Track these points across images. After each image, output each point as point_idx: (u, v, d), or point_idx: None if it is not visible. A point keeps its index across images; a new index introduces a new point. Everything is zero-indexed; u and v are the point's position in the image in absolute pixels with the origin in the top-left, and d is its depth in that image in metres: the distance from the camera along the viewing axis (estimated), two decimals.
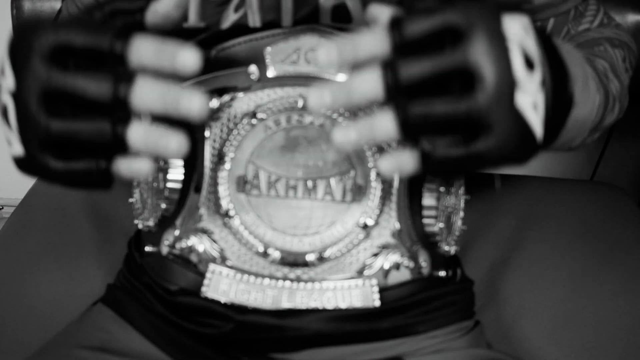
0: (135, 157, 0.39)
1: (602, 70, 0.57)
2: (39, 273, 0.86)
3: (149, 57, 0.38)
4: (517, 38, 0.36)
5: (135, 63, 0.38)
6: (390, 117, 0.37)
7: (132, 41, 0.38)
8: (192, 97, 0.37)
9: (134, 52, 0.38)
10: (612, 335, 0.76)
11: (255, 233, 0.55)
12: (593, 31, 0.65)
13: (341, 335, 0.57)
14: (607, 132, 1.27)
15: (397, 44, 0.37)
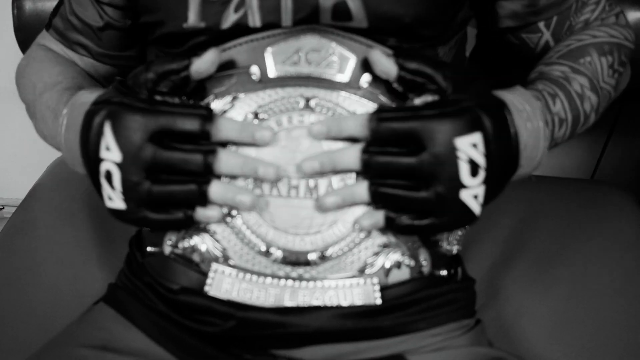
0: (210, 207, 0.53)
1: (578, 91, 0.61)
2: (41, 272, 0.87)
3: (234, 134, 0.53)
4: (465, 153, 0.49)
5: (222, 139, 0.53)
6: (365, 188, 0.52)
7: (219, 122, 0.52)
8: (266, 167, 0.52)
9: (222, 131, 0.52)
10: (612, 334, 0.77)
11: (258, 232, 0.55)
12: (587, 31, 0.65)
13: (343, 333, 0.57)
14: (608, 132, 1.27)
15: (373, 136, 0.50)
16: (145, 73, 0.53)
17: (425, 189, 0.49)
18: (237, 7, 0.58)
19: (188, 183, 0.51)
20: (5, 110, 1.43)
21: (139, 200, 0.51)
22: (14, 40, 0.99)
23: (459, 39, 0.68)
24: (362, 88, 0.57)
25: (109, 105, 0.52)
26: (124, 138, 0.50)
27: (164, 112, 0.50)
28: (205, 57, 0.53)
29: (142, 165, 0.50)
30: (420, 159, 0.49)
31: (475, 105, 0.50)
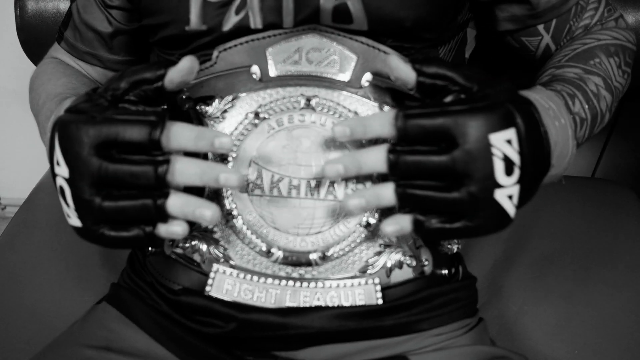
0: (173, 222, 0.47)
1: (594, 91, 0.59)
2: (44, 272, 0.87)
3: (189, 144, 0.47)
4: (500, 150, 0.45)
5: (175, 148, 0.47)
6: (392, 189, 0.47)
7: (169, 130, 0.46)
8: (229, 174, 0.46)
9: (173, 140, 0.46)
10: (615, 331, 0.77)
11: (258, 233, 0.55)
12: (590, 35, 0.65)
13: (344, 333, 0.57)
14: (608, 129, 1.27)
15: (400, 134, 0.46)
16: (118, 80, 0.49)
17: (457, 189, 0.45)
18: (238, 9, 0.58)
19: (141, 197, 0.46)
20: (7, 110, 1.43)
21: (92, 217, 0.47)
22: (16, 41, 0.99)
23: (459, 41, 0.67)
24: (363, 87, 0.57)
25: (64, 114, 0.48)
26: (69, 152, 0.46)
27: (110, 121, 0.45)
28: (179, 65, 0.49)
29: (88, 181, 0.45)
30: (452, 156, 0.44)
31: (506, 100, 0.46)
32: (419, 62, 0.49)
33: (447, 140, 0.45)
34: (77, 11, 0.71)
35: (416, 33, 0.59)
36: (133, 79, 0.49)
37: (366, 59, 0.57)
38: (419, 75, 0.49)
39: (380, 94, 0.57)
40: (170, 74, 0.49)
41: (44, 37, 0.97)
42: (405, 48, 0.59)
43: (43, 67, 0.74)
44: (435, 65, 0.49)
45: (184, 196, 0.47)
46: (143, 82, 0.49)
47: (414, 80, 0.49)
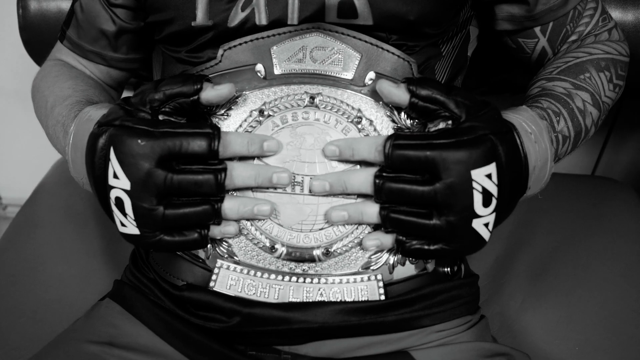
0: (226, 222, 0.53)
1: (580, 107, 0.62)
2: (46, 270, 0.87)
3: (243, 150, 0.52)
4: (480, 184, 0.48)
5: (230, 156, 0.52)
6: (376, 209, 0.52)
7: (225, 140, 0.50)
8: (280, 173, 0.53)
9: (229, 148, 0.51)
10: (615, 327, 0.77)
11: (262, 229, 0.56)
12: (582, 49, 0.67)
13: (347, 328, 0.57)
14: (608, 128, 1.27)
15: (387, 162, 0.49)
16: (153, 92, 0.52)
17: (438, 217, 0.49)
18: (244, 6, 0.58)
19: (202, 204, 0.50)
20: (8, 110, 1.43)
21: (153, 225, 0.50)
22: (18, 41, 1.00)
23: (462, 38, 0.68)
24: (367, 85, 0.57)
25: (111, 129, 0.50)
26: (131, 166, 0.49)
27: (169, 135, 0.49)
28: (220, 90, 0.52)
29: (153, 192, 0.49)
30: (435, 188, 0.48)
31: (490, 133, 0.49)
32: (413, 82, 0.52)
33: (431, 171, 0.49)
34: (81, 10, 0.71)
35: (420, 28, 0.59)
36: (170, 92, 0.52)
37: (369, 58, 0.58)
38: (412, 96, 0.52)
39: None
40: (208, 94, 0.53)
41: (46, 36, 0.97)
42: (410, 46, 0.60)
43: (47, 69, 0.74)
44: (428, 87, 0.52)
45: (238, 198, 0.53)
46: (179, 96, 0.52)
47: (407, 101, 0.52)
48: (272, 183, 0.53)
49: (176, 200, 0.51)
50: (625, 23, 0.87)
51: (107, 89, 0.77)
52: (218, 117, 0.57)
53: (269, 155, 0.54)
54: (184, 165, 0.50)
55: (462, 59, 0.71)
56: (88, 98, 0.66)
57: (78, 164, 0.57)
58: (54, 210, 1.00)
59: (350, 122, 0.56)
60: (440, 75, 0.66)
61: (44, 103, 0.69)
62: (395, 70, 0.58)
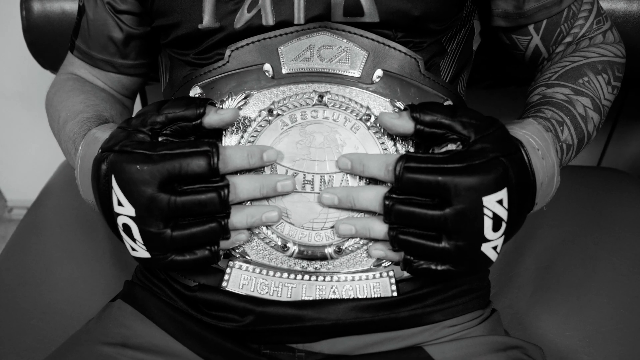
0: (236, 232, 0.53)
1: (582, 114, 0.62)
2: (55, 271, 0.87)
3: (244, 163, 0.51)
4: (491, 210, 0.48)
5: (231, 171, 0.51)
6: (384, 228, 0.51)
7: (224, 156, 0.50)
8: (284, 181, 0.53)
9: (229, 163, 0.51)
10: (625, 318, 0.77)
11: (274, 228, 0.56)
12: (578, 53, 0.67)
13: (360, 325, 0.57)
14: (613, 120, 1.27)
15: (397, 184, 0.49)
16: (155, 115, 0.52)
17: (447, 240, 0.48)
18: (250, 7, 0.58)
19: (208, 222, 0.50)
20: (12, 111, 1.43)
21: (163, 248, 0.50)
22: (22, 43, 1.00)
23: (466, 33, 0.68)
24: (374, 83, 0.57)
25: (111, 155, 0.50)
26: (133, 193, 0.49)
27: (168, 157, 0.48)
28: (224, 115, 0.52)
29: (158, 217, 0.49)
30: (445, 214, 0.47)
31: (501, 155, 0.49)
32: (416, 109, 0.51)
33: (442, 197, 0.48)
34: (87, 19, 0.72)
35: (425, 24, 0.59)
36: (172, 115, 0.51)
37: (377, 55, 0.58)
38: (417, 123, 0.51)
39: (391, 89, 0.57)
40: (211, 119, 0.52)
41: (50, 38, 0.97)
42: (416, 43, 0.60)
43: (60, 84, 0.75)
44: (432, 112, 0.51)
45: (245, 209, 0.52)
46: (182, 119, 0.52)
47: (413, 129, 0.51)
48: (277, 192, 0.53)
49: (183, 221, 0.50)
50: (630, 14, 0.87)
51: (121, 99, 0.78)
52: None
53: (268, 164, 0.54)
54: (187, 185, 0.50)
55: (468, 54, 0.71)
56: (99, 113, 0.66)
57: (86, 187, 0.58)
58: (61, 212, 1.00)
59: (359, 119, 0.56)
60: (446, 71, 0.66)
61: (56, 118, 0.69)
62: (402, 67, 0.59)
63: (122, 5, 0.69)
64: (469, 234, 0.48)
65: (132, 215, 0.49)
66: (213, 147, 0.49)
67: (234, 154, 0.51)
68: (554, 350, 0.74)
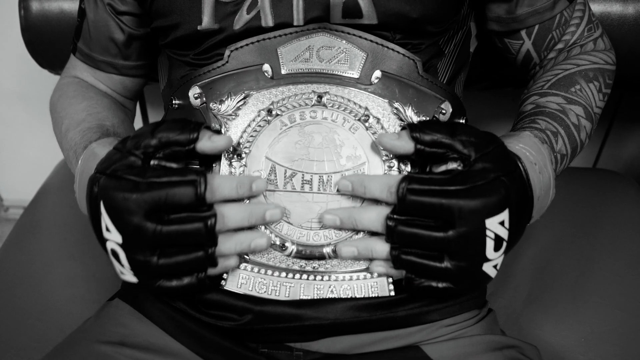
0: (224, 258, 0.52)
1: (575, 123, 0.63)
2: (53, 270, 0.87)
3: (232, 193, 0.50)
4: (493, 232, 0.48)
5: (219, 200, 0.50)
6: (386, 248, 0.51)
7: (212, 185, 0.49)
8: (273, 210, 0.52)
9: (217, 193, 0.49)
10: (620, 318, 0.78)
11: (272, 227, 0.56)
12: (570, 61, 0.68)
13: (358, 324, 0.58)
14: (609, 121, 1.28)
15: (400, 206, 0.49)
16: (149, 138, 0.51)
17: (449, 260, 0.49)
18: (249, 8, 0.58)
19: (195, 251, 0.49)
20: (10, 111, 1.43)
21: (150, 275, 0.50)
22: (20, 42, 1.00)
23: (463, 35, 0.69)
24: (373, 84, 0.58)
25: (102, 178, 0.50)
26: (119, 221, 0.48)
27: (155, 186, 0.48)
28: (217, 143, 0.52)
29: (144, 245, 0.49)
30: (448, 236, 0.48)
31: (502, 174, 0.49)
32: (416, 129, 0.51)
33: (445, 219, 0.48)
34: (88, 21, 0.72)
35: (423, 26, 0.60)
36: (165, 140, 0.51)
37: (375, 57, 0.58)
38: (417, 142, 0.51)
39: (389, 90, 0.58)
40: (204, 145, 0.51)
41: (48, 37, 0.97)
42: (414, 45, 0.61)
43: (64, 89, 0.75)
44: (432, 131, 0.51)
45: (234, 236, 0.51)
46: (175, 144, 0.51)
47: (413, 149, 0.51)
48: (266, 221, 0.52)
49: (170, 249, 0.49)
50: (626, 17, 0.88)
51: (123, 102, 0.79)
52: (226, 117, 0.57)
53: (256, 194, 0.53)
54: (175, 213, 0.49)
55: (465, 56, 0.71)
56: (100, 123, 0.67)
57: (83, 203, 0.58)
58: (58, 211, 1.00)
59: (357, 120, 0.56)
60: (443, 73, 0.66)
61: (59, 124, 0.70)
62: (400, 69, 0.59)
63: (123, 6, 0.69)
64: (471, 255, 0.49)
65: (120, 242, 0.49)
66: (201, 176, 0.48)
67: (223, 183, 0.50)
68: (549, 349, 0.74)
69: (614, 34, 0.88)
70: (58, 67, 1.04)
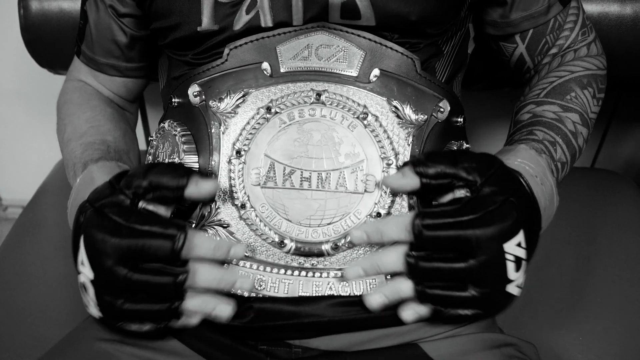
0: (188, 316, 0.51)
1: (572, 130, 0.64)
2: (52, 270, 0.87)
3: (208, 254, 0.50)
4: (512, 254, 0.49)
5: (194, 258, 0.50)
6: (410, 285, 0.51)
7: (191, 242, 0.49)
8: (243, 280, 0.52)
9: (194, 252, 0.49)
10: (618, 317, 0.78)
11: (271, 224, 0.56)
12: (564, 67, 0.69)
13: (356, 321, 0.58)
14: (607, 120, 1.28)
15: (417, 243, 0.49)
16: (141, 179, 0.51)
17: (473, 288, 0.49)
18: (248, 9, 0.59)
19: (160, 303, 0.50)
20: (8, 111, 1.43)
21: (114, 316, 0.51)
22: (19, 41, 1.00)
23: (462, 36, 0.69)
24: (372, 82, 0.58)
25: (89, 211, 0.51)
26: (94, 259, 0.49)
27: (134, 233, 0.48)
28: (202, 190, 0.52)
29: (113, 287, 0.49)
30: (469, 265, 0.48)
31: (510, 196, 0.49)
32: (418, 164, 0.52)
33: (463, 250, 0.48)
34: (91, 24, 0.72)
35: (421, 28, 0.60)
36: (155, 183, 0.51)
37: (374, 55, 0.59)
38: (422, 177, 0.52)
39: (388, 88, 0.58)
40: (191, 192, 0.52)
41: (48, 37, 0.98)
42: (412, 44, 0.61)
43: (69, 94, 0.76)
44: (435, 163, 0.52)
45: (201, 297, 0.51)
46: (164, 188, 0.52)
47: (419, 185, 0.52)
48: (235, 289, 0.52)
49: (137, 296, 0.50)
50: (623, 17, 0.88)
51: (125, 105, 0.79)
52: (225, 115, 0.58)
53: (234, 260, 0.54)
54: (150, 262, 0.49)
55: (463, 57, 0.72)
56: (103, 137, 0.67)
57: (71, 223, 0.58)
58: (57, 210, 1.00)
59: (356, 118, 0.57)
60: (441, 73, 0.67)
61: (62, 131, 0.71)
62: (399, 67, 0.59)
63: (124, 8, 0.69)
64: (494, 280, 0.49)
65: (91, 279, 0.50)
66: (181, 232, 0.48)
67: (201, 243, 0.50)
68: (547, 348, 0.74)
69: (612, 35, 0.88)
70: (58, 67, 1.04)
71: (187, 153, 0.59)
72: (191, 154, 0.59)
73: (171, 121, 0.62)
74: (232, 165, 0.57)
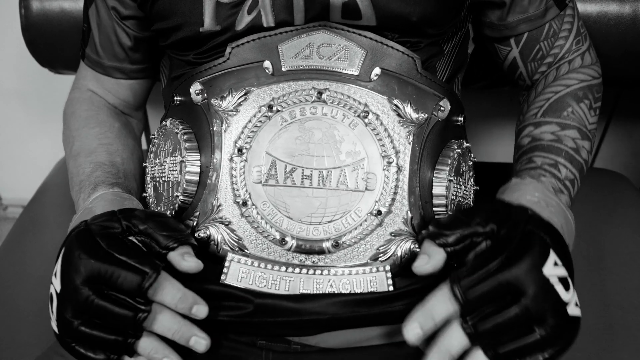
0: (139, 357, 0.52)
1: (573, 147, 0.65)
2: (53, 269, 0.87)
3: (171, 303, 0.51)
4: (555, 276, 0.48)
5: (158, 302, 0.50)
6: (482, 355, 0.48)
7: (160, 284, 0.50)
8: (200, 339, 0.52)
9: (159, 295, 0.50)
10: (617, 316, 0.78)
11: (272, 222, 0.57)
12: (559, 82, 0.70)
13: (356, 319, 0.57)
14: (606, 119, 1.28)
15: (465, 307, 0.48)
16: (141, 223, 0.53)
17: (538, 327, 0.48)
18: (250, 9, 0.59)
19: (115, 334, 0.50)
20: (10, 110, 1.43)
21: (68, 334, 0.51)
22: (20, 41, 1.00)
23: (462, 36, 0.70)
24: (372, 80, 0.58)
25: (81, 226, 0.52)
26: (64, 274, 0.51)
27: (108, 259, 0.49)
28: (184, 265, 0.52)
29: (74, 306, 0.50)
30: (524, 306, 0.47)
31: (524, 224, 0.50)
32: (437, 236, 0.52)
33: (509, 293, 0.48)
34: (94, 27, 0.73)
35: (422, 28, 0.60)
36: (149, 232, 0.53)
37: (375, 54, 0.59)
38: (445, 247, 0.52)
39: (389, 87, 0.58)
40: (174, 259, 0.53)
41: (49, 36, 0.98)
42: (413, 43, 0.61)
43: (76, 104, 0.76)
44: (451, 229, 0.52)
45: (155, 342, 0.51)
46: (155, 240, 0.53)
47: (446, 256, 0.52)
48: (189, 345, 0.52)
49: (95, 320, 0.50)
50: (622, 16, 0.88)
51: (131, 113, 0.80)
52: (227, 113, 0.58)
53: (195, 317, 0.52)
54: (116, 291, 0.49)
55: (463, 56, 0.72)
56: (112, 159, 0.68)
57: None
58: (58, 210, 1.00)
59: (357, 116, 0.57)
60: (442, 72, 0.67)
61: (70, 142, 0.71)
62: (400, 66, 0.60)
63: (126, 10, 0.70)
64: (552, 308, 0.48)
65: (57, 292, 0.51)
66: (155, 271, 0.49)
67: (169, 290, 0.51)
68: None
69: (611, 34, 0.89)
70: (59, 66, 1.04)
71: (189, 151, 0.59)
72: (193, 152, 0.59)
73: (173, 119, 0.62)
74: (233, 163, 0.57)
